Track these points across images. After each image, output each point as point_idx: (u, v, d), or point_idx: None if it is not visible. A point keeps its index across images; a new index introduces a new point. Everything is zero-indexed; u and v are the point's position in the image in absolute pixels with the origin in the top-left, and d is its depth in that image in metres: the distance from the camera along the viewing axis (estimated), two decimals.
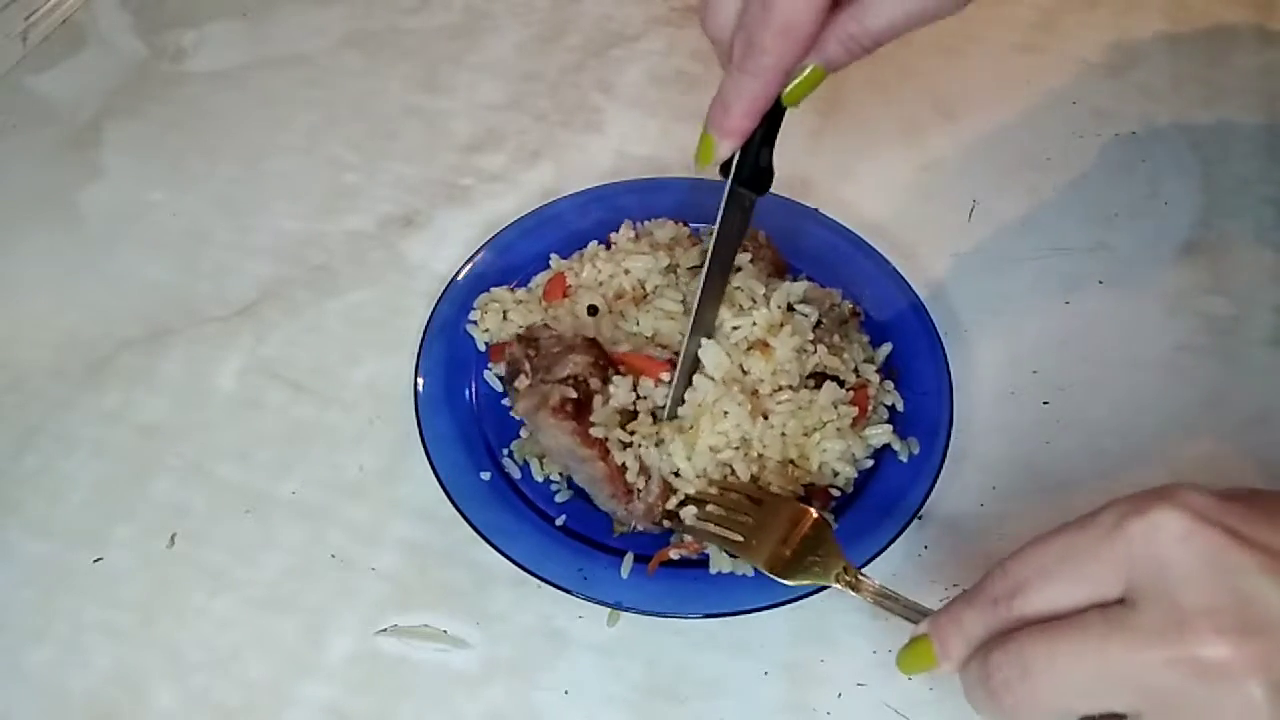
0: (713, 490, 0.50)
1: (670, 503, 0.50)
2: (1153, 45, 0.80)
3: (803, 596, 0.47)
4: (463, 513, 0.50)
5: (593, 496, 0.52)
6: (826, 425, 0.52)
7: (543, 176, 0.71)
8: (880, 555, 0.49)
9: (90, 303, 0.64)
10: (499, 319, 0.59)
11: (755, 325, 0.53)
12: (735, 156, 0.45)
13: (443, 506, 0.51)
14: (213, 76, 0.78)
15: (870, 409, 0.54)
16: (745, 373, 0.52)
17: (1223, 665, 0.30)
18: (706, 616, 0.48)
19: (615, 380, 0.52)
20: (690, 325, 0.52)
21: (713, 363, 0.52)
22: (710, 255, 0.50)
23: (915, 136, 0.74)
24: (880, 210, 0.68)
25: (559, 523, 0.52)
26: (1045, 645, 0.33)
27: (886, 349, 0.58)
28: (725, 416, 0.51)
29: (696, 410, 0.51)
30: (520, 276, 0.61)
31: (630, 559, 0.50)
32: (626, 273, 0.58)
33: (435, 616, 0.51)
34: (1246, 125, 0.74)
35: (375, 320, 0.63)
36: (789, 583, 0.46)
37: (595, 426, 0.50)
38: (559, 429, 0.50)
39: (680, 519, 0.50)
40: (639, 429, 0.51)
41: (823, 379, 0.53)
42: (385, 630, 0.50)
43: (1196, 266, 0.65)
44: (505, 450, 0.55)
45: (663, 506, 0.50)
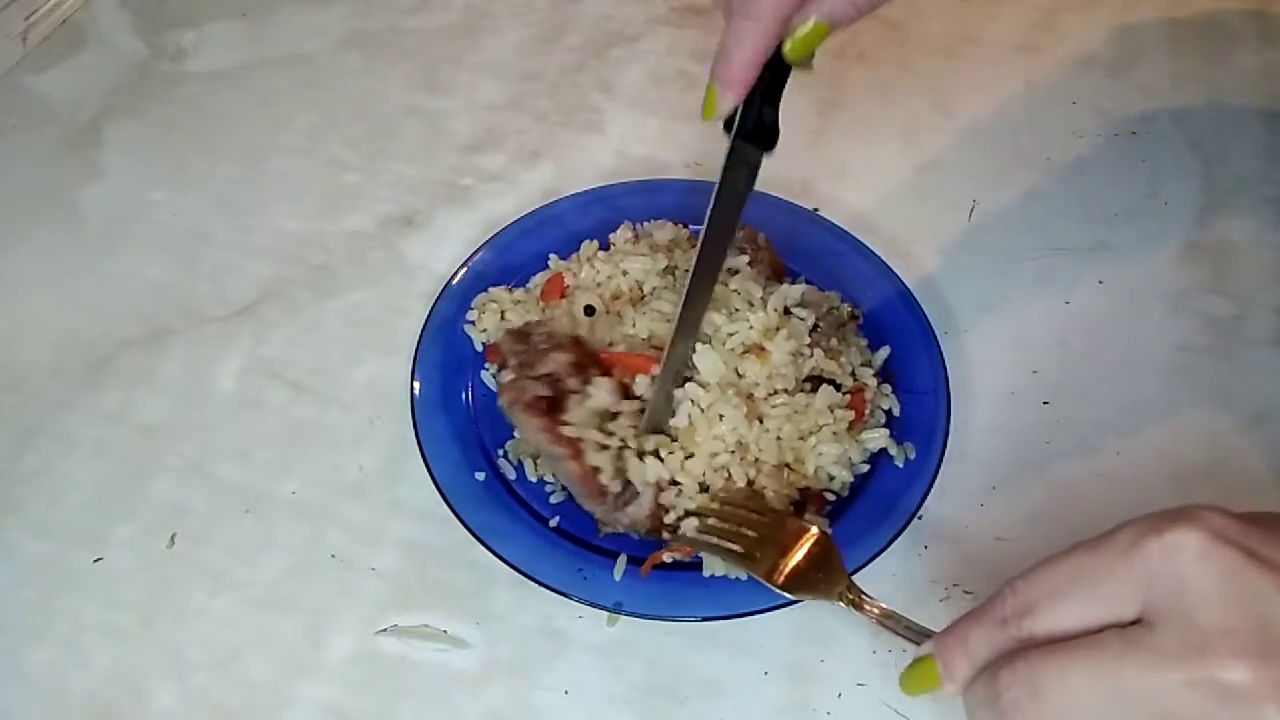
0: (714, 504, 0.50)
1: (669, 516, 0.50)
2: (1153, 45, 0.80)
3: (799, 600, 0.47)
4: (459, 516, 0.50)
5: (574, 496, 0.52)
6: (823, 429, 0.52)
7: (543, 176, 0.71)
8: (878, 557, 0.49)
9: (90, 303, 0.64)
10: (496, 319, 0.59)
11: (751, 329, 0.53)
12: (739, 112, 0.45)
13: (442, 506, 0.51)
14: (213, 76, 0.78)
15: (867, 413, 0.54)
16: (741, 376, 0.52)
17: (1242, 688, 0.30)
18: (704, 620, 0.48)
19: (596, 381, 0.51)
20: (684, 296, 0.50)
21: (708, 367, 0.52)
22: (710, 216, 0.48)
23: (915, 136, 0.74)
24: (879, 210, 0.68)
25: (553, 524, 0.52)
26: (1058, 664, 0.32)
27: (884, 353, 0.58)
28: (721, 420, 0.51)
29: (692, 415, 0.51)
30: (519, 277, 0.61)
31: (624, 561, 0.49)
32: (624, 274, 0.58)
33: (435, 616, 0.51)
34: (1246, 125, 0.74)
35: (375, 320, 0.63)
36: (791, 597, 0.45)
37: (568, 426, 0.50)
38: (529, 424, 0.50)
39: (679, 532, 0.49)
40: (618, 429, 0.50)
41: (819, 383, 0.53)
42: (385, 630, 0.50)
43: (1196, 266, 0.65)
44: (500, 450, 0.55)
45: (650, 521, 0.50)
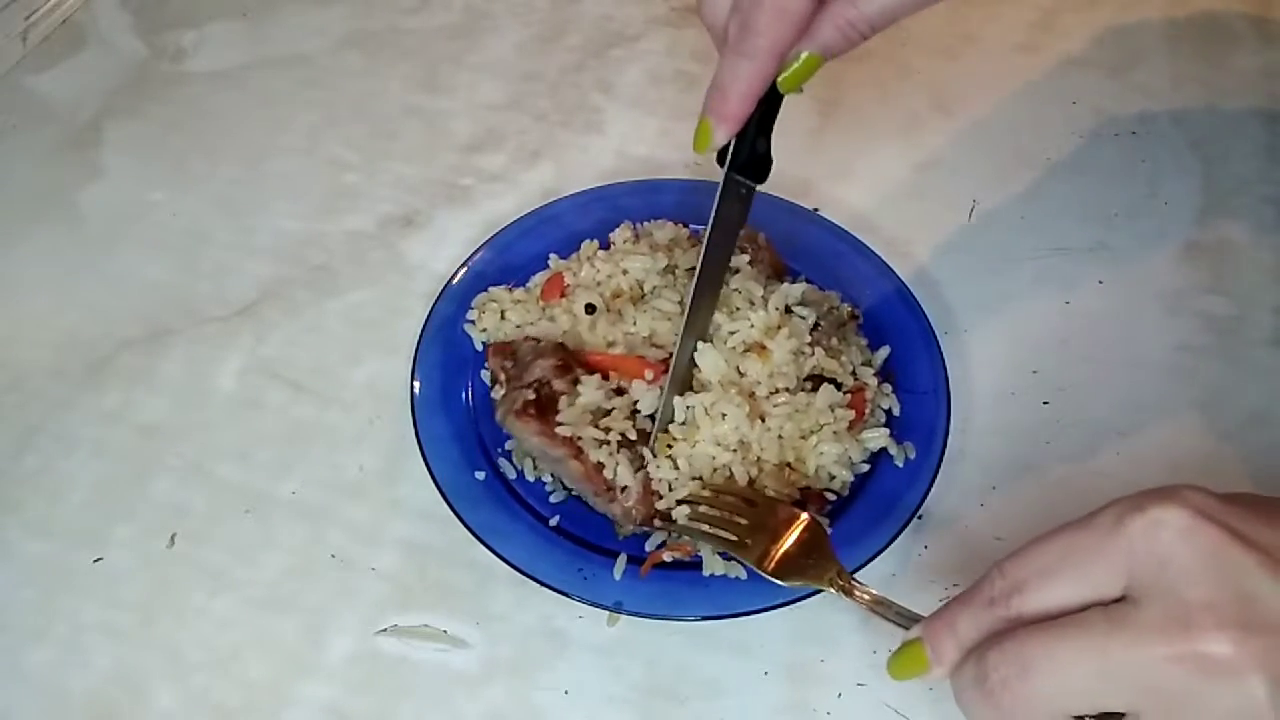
0: (706, 492, 0.50)
1: (661, 504, 0.50)
2: (1153, 45, 0.80)
3: (800, 599, 0.47)
4: (459, 515, 0.50)
5: (585, 498, 0.52)
6: (823, 428, 0.52)
7: (543, 176, 0.71)
8: (878, 557, 0.49)
9: (90, 303, 0.64)
10: (496, 318, 0.59)
11: (753, 327, 0.53)
12: (731, 144, 0.45)
13: (442, 506, 0.51)
14: (213, 76, 0.78)
15: (867, 412, 0.54)
16: (742, 375, 0.52)
17: (1226, 661, 0.30)
18: (703, 619, 0.48)
19: (584, 380, 0.52)
20: (684, 323, 0.51)
21: (710, 365, 0.52)
22: (706, 247, 0.49)
23: (915, 136, 0.74)
24: (879, 210, 0.68)
25: (553, 523, 0.52)
26: (1046, 643, 0.33)
27: (885, 352, 0.58)
28: (723, 419, 0.51)
29: (693, 413, 0.51)
30: (519, 276, 0.61)
31: (623, 560, 0.49)
32: (624, 273, 0.58)
33: (435, 616, 0.51)
34: (1246, 125, 0.74)
35: (375, 320, 0.63)
36: (783, 583, 0.46)
37: (562, 425, 0.50)
38: (525, 430, 0.51)
39: (673, 519, 0.50)
40: (613, 424, 0.51)
41: (820, 382, 0.53)
42: (385, 630, 0.50)
43: (1196, 266, 0.65)
44: (499, 449, 0.55)
45: (643, 510, 0.50)
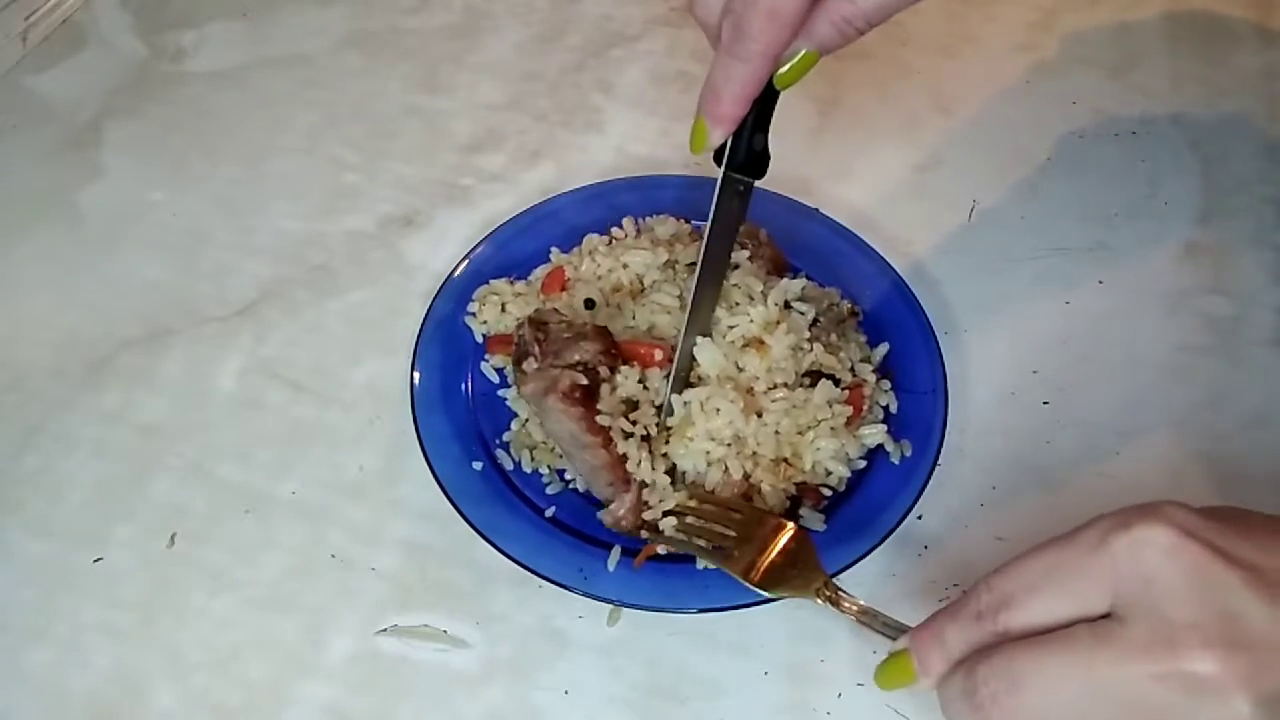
0: (692, 503, 0.50)
1: (649, 514, 0.50)
2: (1153, 45, 0.80)
3: (778, 598, 0.47)
4: (461, 512, 0.50)
5: (590, 485, 0.52)
6: (821, 424, 0.52)
7: (543, 176, 0.71)
8: (877, 554, 0.49)
9: (90, 303, 0.64)
10: (497, 311, 0.59)
11: (751, 322, 0.53)
12: (728, 142, 0.45)
13: (443, 506, 0.51)
14: (213, 76, 0.78)
15: (865, 408, 0.54)
16: (740, 370, 0.53)
17: (1210, 679, 0.30)
18: (701, 611, 0.48)
19: (623, 370, 0.52)
20: (685, 321, 0.51)
21: (708, 360, 0.52)
22: (706, 245, 0.49)
23: (915, 136, 0.74)
24: (879, 209, 0.68)
25: (548, 514, 0.52)
26: (1034, 658, 0.33)
27: (884, 349, 0.58)
28: (718, 414, 0.51)
29: (687, 408, 0.51)
30: (519, 272, 0.62)
31: (618, 551, 0.49)
32: (625, 267, 0.58)
33: (435, 616, 0.51)
34: (1246, 125, 0.74)
35: (375, 320, 0.63)
36: (768, 594, 0.46)
37: (601, 415, 0.50)
38: (566, 414, 0.50)
39: (660, 530, 0.50)
40: (641, 418, 0.51)
41: (818, 377, 0.53)
42: (385, 630, 0.50)
43: (1196, 266, 0.65)
44: (497, 440, 0.55)
45: (632, 520, 0.50)
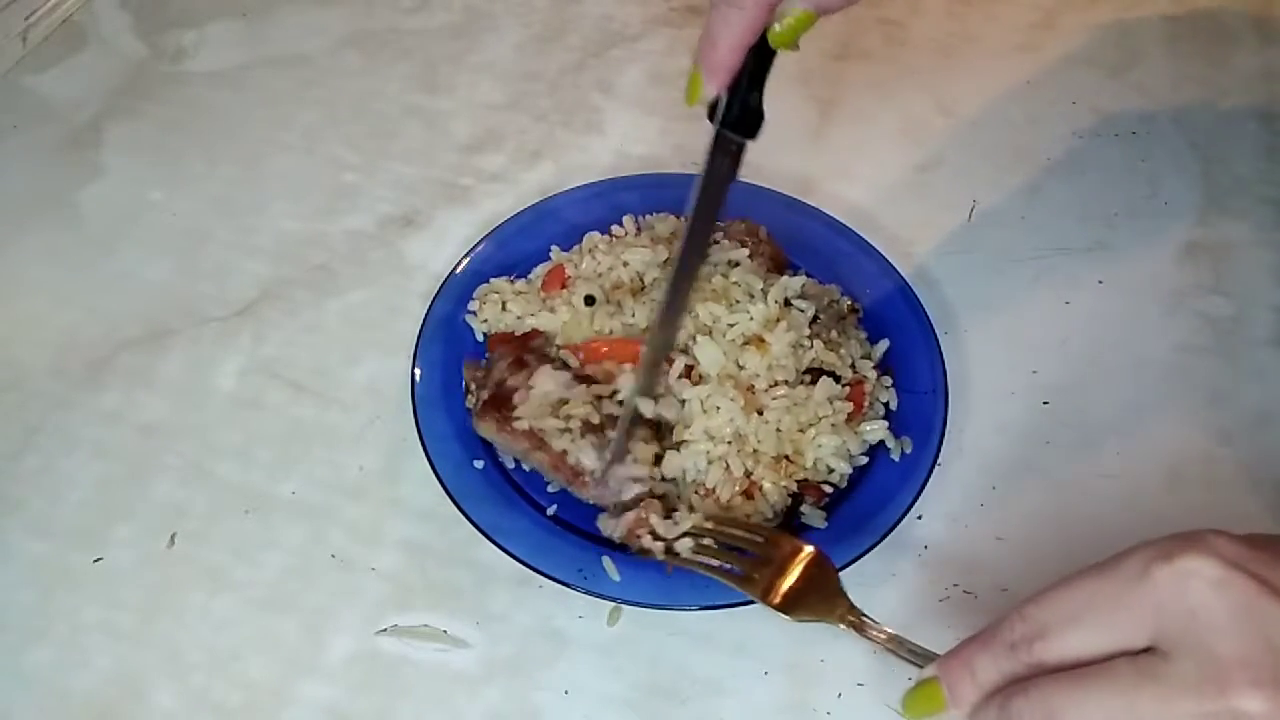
0: (709, 524, 0.49)
1: (671, 532, 0.49)
2: (1153, 45, 0.80)
3: (801, 621, 0.47)
4: (462, 509, 0.50)
5: (566, 488, 0.52)
6: (822, 421, 0.52)
7: (543, 176, 0.71)
8: (877, 554, 0.49)
9: (90, 303, 0.64)
10: (498, 309, 0.59)
11: (751, 320, 0.53)
12: (722, 100, 0.44)
13: (443, 506, 0.51)
14: (213, 76, 0.78)
15: (866, 405, 0.54)
16: (741, 368, 0.53)
17: (1259, 718, 0.30)
18: (702, 609, 0.48)
19: (538, 371, 0.52)
20: (668, 284, 0.49)
21: (708, 359, 0.52)
22: (694, 207, 0.47)
23: (915, 135, 0.74)
24: (879, 209, 0.68)
25: (550, 512, 0.52)
26: (1072, 693, 0.32)
27: (884, 345, 0.58)
28: (718, 412, 0.51)
29: (689, 406, 0.51)
30: (519, 270, 0.62)
31: (611, 564, 0.49)
32: (625, 265, 0.59)
33: (435, 616, 0.51)
34: (1246, 125, 0.74)
35: (375, 320, 0.63)
36: (791, 619, 0.45)
37: (519, 420, 0.51)
38: (487, 430, 0.52)
39: (677, 553, 0.49)
40: (572, 411, 0.51)
41: (819, 374, 0.53)
42: (385, 630, 0.50)
43: (1196, 266, 0.65)
44: None
45: (628, 538, 0.50)
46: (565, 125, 0.75)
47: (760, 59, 0.43)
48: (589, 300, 0.57)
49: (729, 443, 0.51)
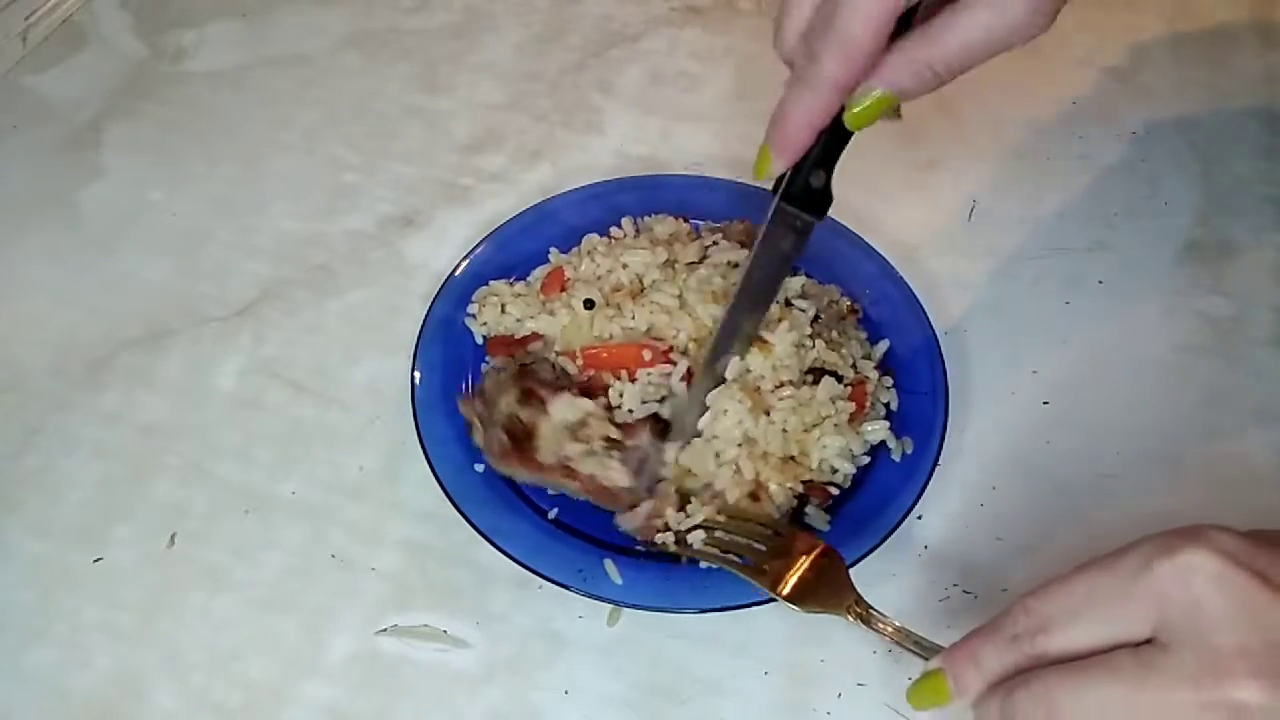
0: (721, 517, 0.50)
1: (681, 523, 0.50)
2: (1154, 46, 0.80)
3: (809, 612, 0.47)
4: (463, 512, 0.50)
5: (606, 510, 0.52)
6: (825, 421, 0.52)
7: (542, 177, 0.71)
8: (877, 554, 0.49)
9: (90, 303, 0.64)
10: (497, 312, 0.59)
11: None
12: (787, 173, 0.44)
13: (443, 506, 0.51)
14: (213, 76, 0.78)
15: (868, 405, 0.54)
16: (747, 370, 0.53)
17: (1258, 709, 0.30)
18: (701, 612, 0.48)
19: (551, 401, 0.52)
20: (713, 343, 0.51)
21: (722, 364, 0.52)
22: (746, 276, 0.48)
23: (916, 136, 0.74)
24: (879, 209, 0.68)
25: (551, 515, 0.52)
26: (1073, 683, 0.33)
27: (884, 346, 0.58)
28: (725, 415, 0.51)
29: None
30: (519, 273, 0.62)
31: (613, 567, 0.49)
32: (625, 267, 0.58)
33: (435, 616, 0.51)
34: (1247, 126, 0.74)
35: (375, 320, 0.63)
36: (800, 609, 0.45)
37: (542, 453, 0.51)
38: (514, 471, 0.51)
39: (689, 544, 0.49)
40: (591, 433, 0.51)
41: (820, 375, 0.53)
42: (385, 630, 0.50)
43: (1196, 266, 0.66)
44: None
45: (646, 531, 0.50)
46: (565, 125, 0.75)
47: (834, 139, 0.42)
48: (588, 304, 0.57)
49: (739, 445, 0.51)
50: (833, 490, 0.53)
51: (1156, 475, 0.56)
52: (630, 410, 0.53)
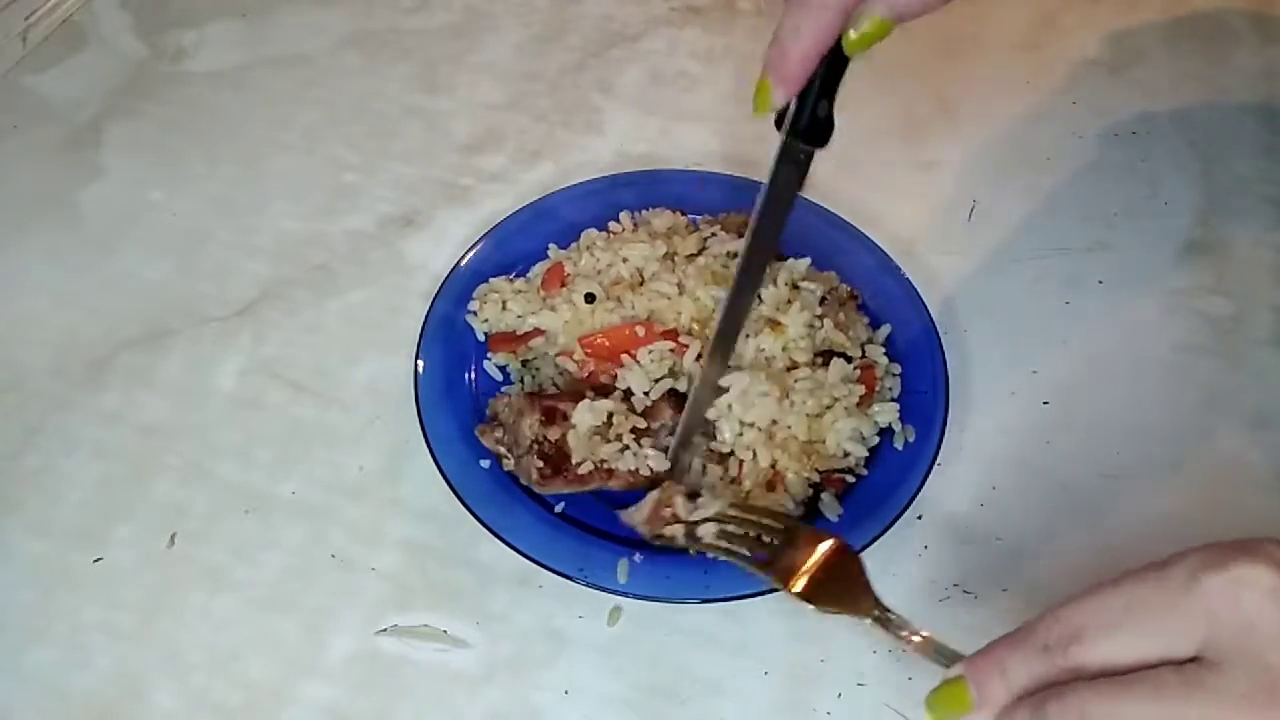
0: (733, 510, 0.49)
1: (694, 515, 0.50)
2: (1153, 44, 0.80)
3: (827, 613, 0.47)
4: (470, 508, 0.50)
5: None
6: (837, 403, 0.52)
7: (542, 176, 0.71)
8: (880, 550, 0.49)
9: (90, 303, 0.64)
10: (498, 309, 0.59)
11: (763, 303, 0.54)
12: (790, 107, 0.42)
13: (443, 506, 0.51)
14: (213, 76, 0.78)
15: (877, 388, 0.55)
16: (761, 351, 0.53)
17: None
18: (704, 602, 0.48)
19: (571, 414, 0.52)
20: (731, 290, 0.48)
21: (740, 347, 0.52)
22: (758, 215, 0.46)
23: (916, 135, 0.74)
24: (880, 208, 0.68)
25: (558, 509, 0.52)
26: (1112, 700, 0.31)
27: (886, 330, 0.58)
28: (746, 397, 0.51)
29: (730, 399, 0.52)
30: (518, 269, 0.62)
31: (625, 564, 0.49)
32: (624, 260, 0.59)
33: (435, 616, 0.51)
34: (1246, 125, 0.74)
35: (375, 320, 0.63)
36: (817, 610, 0.44)
37: (580, 464, 0.51)
38: (559, 491, 0.51)
39: (698, 537, 0.49)
40: (620, 429, 0.51)
41: (829, 357, 0.54)
42: (385, 630, 0.50)
43: (1196, 266, 0.65)
44: None
45: (650, 526, 0.50)
46: (565, 125, 0.75)
47: (832, 66, 0.41)
48: (589, 298, 0.57)
49: (760, 429, 0.51)
50: (848, 479, 0.53)
51: (1156, 475, 0.56)
52: (645, 393, 0.53)
